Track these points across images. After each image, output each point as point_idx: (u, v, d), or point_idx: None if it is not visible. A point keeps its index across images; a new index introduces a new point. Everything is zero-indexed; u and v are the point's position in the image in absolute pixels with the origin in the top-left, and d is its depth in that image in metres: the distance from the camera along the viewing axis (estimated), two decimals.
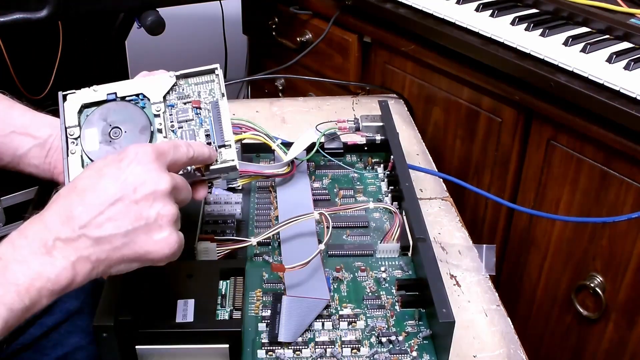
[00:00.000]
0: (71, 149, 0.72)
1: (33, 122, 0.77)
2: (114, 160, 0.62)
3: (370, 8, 1.35)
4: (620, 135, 1.00)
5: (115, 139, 0.72)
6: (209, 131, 0.74)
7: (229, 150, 0.74)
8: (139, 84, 0.74)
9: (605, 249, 1.09)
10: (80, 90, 0.73)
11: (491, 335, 0.80)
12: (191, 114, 0.75)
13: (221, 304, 0.74)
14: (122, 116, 0.73)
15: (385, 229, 0.88)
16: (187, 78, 0.75)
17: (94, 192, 0.60)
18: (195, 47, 2.16)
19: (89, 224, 0.58)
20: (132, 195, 0.60)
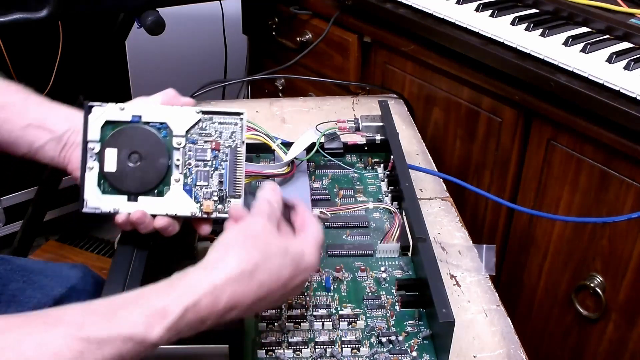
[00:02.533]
0: (89, 165, 0.73)
1: (49, 115, 0.77)
2: (292, 266, 0.64)
3: (370, 8, 1.35)
4: (620, 135, 1.00)
5: (132, 164, 0.73)
6: (223, 177, 0.75)
7: (237, 200, 0.75)
8: (164, 112, 0.74)
9: (605, 249, 1.09)
10: (107, 105, 0.74)
11: (491, 335, 0.80)
12: (209, 155, 0.75)
13: None
14: (143, 143, 0.73)
15: (385, 229, 0.88)
16: (212, 116, 0.75)
17: (265, 298, 0.63)
18: (195, 47, 2.16)
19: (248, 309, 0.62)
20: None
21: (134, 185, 0.74)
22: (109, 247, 1.94)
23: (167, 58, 2.12)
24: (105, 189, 0.74)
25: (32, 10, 1.21)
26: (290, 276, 0.64)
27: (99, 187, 0.74)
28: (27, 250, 1.71)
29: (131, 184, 0.74)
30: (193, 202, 0.74)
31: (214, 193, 0.75)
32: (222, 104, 0.78)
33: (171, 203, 0.74)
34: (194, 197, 0.74)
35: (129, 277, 0.72)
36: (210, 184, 0.75)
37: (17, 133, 0.76)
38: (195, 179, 0.74)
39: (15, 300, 0.87)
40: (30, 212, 1.67)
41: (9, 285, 0.88)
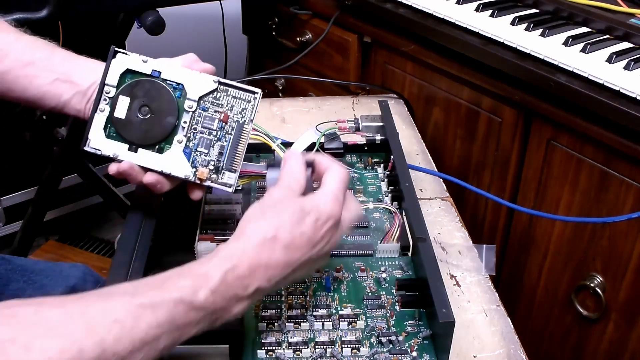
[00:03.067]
0: (101, 107, 0.75)
1: (76, 68, 0.79)
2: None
3: (370, 8, 1.35)
4: (620, 135, 1.00)
5: (141, 115, 0.75)
6: (223, 149, 0.77)
7: (232, 174, 0.77)
8: (184, 74, 0.76)
9: (605, 249, 1.09)
10: (132, 54, 0.76)
11: (491, 335, 0.80)
12: (216, 125, 0.76)
13: None
14: (156, 98, 0.76)
15: (385, 229, 0.88)
16: (228, 88, 0.76)
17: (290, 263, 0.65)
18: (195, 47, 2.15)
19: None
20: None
21: (137, 136, 0.76)
22: (109, 247, 1.94)
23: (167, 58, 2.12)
24: (109, 133, 0.76)
25: (32, 10, 1.21)
26: (313, 230, 0.65)
27: (104, 130, 0.76)
28: (27, 250, 1.71)
29: (135, 134, 0.76)
30: (189, 165, 0.76)
31: (212, 162, 0.76)
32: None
33: (168, 162, 0.76)
34: (191, 162, 0.76)
35: (129, 277, 0.72)
36: (210, 152, 0.76)
37: (45, 88, 0.78)
38: (196, 145, 0.76)
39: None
40: (30, 212, 1.67)
41: (9, 285, 0.88)
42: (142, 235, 0.78)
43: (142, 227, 0.80)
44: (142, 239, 0.78)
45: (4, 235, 1.82)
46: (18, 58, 0.78)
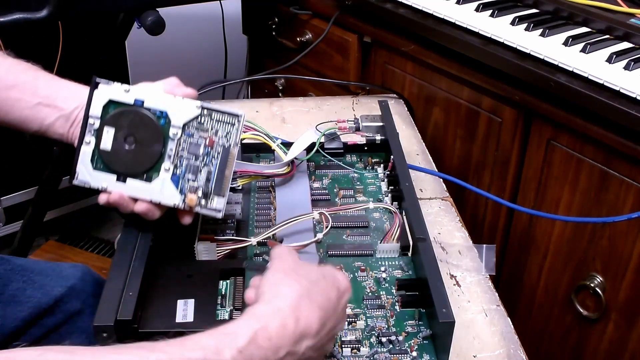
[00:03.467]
0: (86, 139, 0.75)
1: (59, 93, 0.79)
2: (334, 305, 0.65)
3: (370, 8, 1.35)
4: (620, 135, 1.00)
5: (127, 145, 0.75)
6: (211, 174, 0.76)
7: (220, 199, 0.76)
8: (167, 101, 0.75)
9: (605, 249, 1.09)
10: (114, 84, 0.76)
11: (491, 335, 0.80)
12: (202, 150, 0.76)
13: (221, 304, 0.74)
14: (141, 127, 0.75)
15: (385, 229, 0.88)
16: (211, 112, 0.76)
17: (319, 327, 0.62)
18: (195, 47, 2.16)
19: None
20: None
21: (124, 167, 0.75)
22: (109, 247, 1.94)
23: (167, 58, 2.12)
24: (97, 165, 0.76)
25: (32, 10, 1.21)
26: (337, 297, 0.65)
27: (91, 163, 0.76)
28: (27, 250, 1.71)
29: (122, 165, 0.75)
30: (178, 193, 0.76)
31: (200, 188, 0.76)
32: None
33: (157, 190, 0.75)
34: (180, 189, 0.76)
35: (129, 277, 0.72)
36: (197, 178, 0.76)
37: (28, 111, 0.78)
38: (184, 171, 0.76)
39: (15, 300, 0.87)
40: (30, 212, 1.67)
41: (9, 285, 0.88)
42: (142, 235, 0.78)
43: (142, 227, 0.80)
44: (142, 239, 0.78)
45: (4, 235, 1.82)
46: (1, 80, 0.78)
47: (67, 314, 0.90)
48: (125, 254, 0.75)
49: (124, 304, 0.69)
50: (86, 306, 0.91)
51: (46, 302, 0.89)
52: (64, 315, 0.90)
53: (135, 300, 0.69)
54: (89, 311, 0.91)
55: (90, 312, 0.90)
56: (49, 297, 0.89)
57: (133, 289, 0.71)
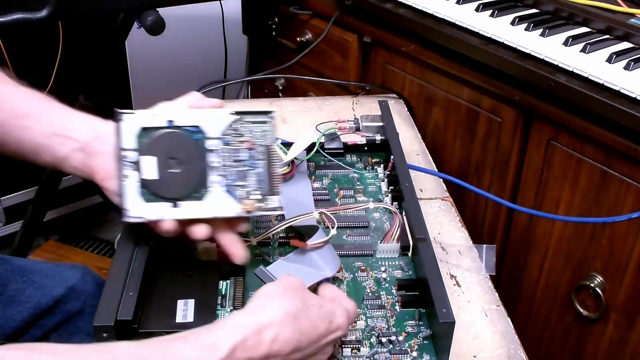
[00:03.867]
0: (125, 173, 0.72)
1: (73, 124, 0.76)
2: (324, 321, 0.65)
3: (370, 8, 1.35)
4: (620, 135, 1.00)
5: (171, 169, 0.73)
6: (260, 175, 0.75)
7: (276, 197, 0.76)
8: (197, 116, 0.74)
9: (605, 249, 1.09)
10: (138, 112, 0.73)
11: (491, 335, 0.80)
12: (244, 154, 0.75)
13: (221, 304, 0.74)
14: (180, 147, 0.73)
15: (385, 229, 0.88)
16: (243, 116, 0.75)
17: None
18: (195, 47, 2.16)
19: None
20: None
21: (175, 191, 0.73)
22: (109, 247, 1.94)
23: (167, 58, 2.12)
24: (145, 197, 0.73)
25: (32, 10, 1.21)
26: (325, 331, 0.65)
27: (140, 196, 0.73)
28: (27, 250, 1.71)
29: (172, 189, 0.73)
30: (235, 202, 0.74)
31: (253, 191, 0.75)
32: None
33: (213, 205, 0.74)
34: (235, 198, 0.75)
35: (129, 277, 0.72)
36: (248, 182, 0.75)
37: (40, 142, 0.75)
38: (233, 180, 0.75)
39: (15, 300, 0.87)
40: (30, 212, 1.67)
41: (9, 285, 0.88)
42: (142, 235, 0.78)
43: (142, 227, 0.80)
44: (142, 239, 0.78)
45: (4, 235, 1.82)
46: (13, 109, 0.76)
47: (67, 315, 0.90)
48: (125, 254, 0.75)
49: (124, 304, 0.69)
50: (86, 306, 0.91)
51: (46, 302, 0.89)
52: (64, 316, 0.90)
53: (135, 300, 0.69)
54: (89, 311, 0.91)
55: (90, 313, 0.90)
56: (49, 297, 0.89)
57: (133, 289, 0.71)
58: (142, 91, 1.97)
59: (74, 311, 0.91)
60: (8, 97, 0.76)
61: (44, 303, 0.88)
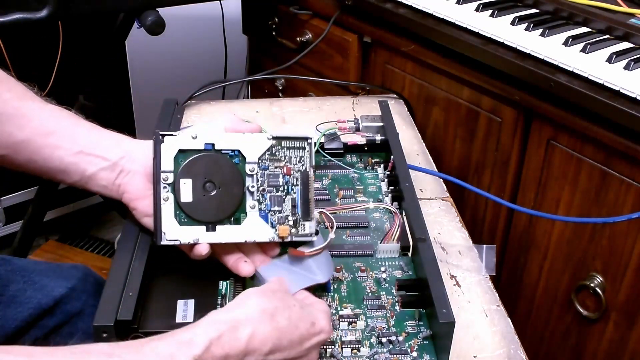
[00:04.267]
0: (164, 196, 0.72)
1: (101, 142, 0.76)
2: (306, 324, 0.65)
3: (370, 8, 1.35)
4: (620, 135, 1.00)
5: (208, 193, 0.72)
6: (295, 201, 0.76)
7: (311, 223, 0.76)
8: (236, 139, 0.74)
9: (605, 249, 1.09)
10: (178, 134, 0.72)
11: (491, 335, 0.80)
12: (281, 180, 0.75)
13: (221, 304, 0.74)
14: (218, 171, 0.73)
15: (385, 229, 0.88)
16: (281, 141, 0.75)
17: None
18: (195, 47, 2.16)
19: None
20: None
21: (211, 215, 0.73)
22: (109, 247, 1.94)
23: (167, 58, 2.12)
24: (181, 220, 0.72)
25: (32, 10, 1.21)
26: (307, 333, 0.65)
27: (176, 219, 0.72)
28: (27, 250, 1.71)
29: (208, 213, 0.73)
30: (270, 227, 0.75)
31: (288, 217, 0.75)
32: (289, 130, 0.75)
33: (249, 230, 0.74)
34: (270, 223, 0.75)
35: (129, 277, 0.72)
36: (283, 208, 0.75)
37: (68, 160, 0.75)
38: (269, 205, 0.75)
39: (16, 301, 0.87)
40: (30, 212, 1.67)
41: (10, 286, 0.88)
42: (142, 235, 0.78)
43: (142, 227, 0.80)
44: (142, 239, 0.78)
45: (4, 235, 1.82)
46: (41, 127, 0.74)
47: (67, 315, 0.90)
48: (125, 254, 0.75)
49: (124, 304, 0.69)
50: (87, 307, 0.91)
51: (47, 302, 0.88)
52: (65, 316, 0.90)
53: (135, 300, 0.69)
54: (90, 312, 0.91)
55: (91, 313, 0.90)
56: (49, 297, 0.89)
57: (133, 289, 0.71)
58: (142, 91, 1.98)
59: (75, 311, 0.91)
60: (35, 114, 0.75)
61: (44, 303, 0.88)
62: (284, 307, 0.64)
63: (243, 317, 0.61)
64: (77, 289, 0.91)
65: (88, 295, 0.92)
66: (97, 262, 1.83)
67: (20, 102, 0.75)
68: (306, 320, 0.65)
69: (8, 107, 0.74)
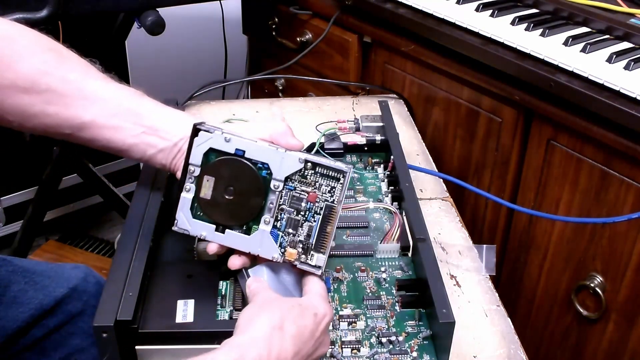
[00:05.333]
0: (187, 186, 0.73)
1: (163, 123, 0.76)
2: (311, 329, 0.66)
3: (370, 8, 1.35)
4: (620, 135, 1.00)
5: (227, 196, 0.73)
6: (312, 230, 0.73)
7: (321, 256, 0.73)
8: (268, 153, 0.72)
9: (605, 249, 1.09)
10: (215, 132, 0.72)
11: (491, 335, 0.80)
12: (304, 204, 0.73)
13: (221, 304, 0.74)
14: (241, 178, 0.72)
15: (385, 229, 0.88)
16: (316, 166, 0.73)
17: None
18: (195, 47, 2.16)
19: None
20: None
21: (224, 218, 0.73)
22: (109, 247, 1.94)
23: (167, 58, 2.12)
24: (196, 213, 0.74)
25: (32, 10, 1.21)
26: (315, 323, 0.66)
27: (191, 210, 0.73)
28: (27, 250, 1.71)
29: (222, 215, 0.73)
30: (277, 247, 0.74)
31: (300, 243, 0.74)
32: (328, 158, 0.72)
33: (256, 243, 0.74)
34: (279, 243, 0.74)
35: (129, 277, 0.72)
36: (298, 233, 0.74)
37: (130, 141, 0.76)
38: (284, 225, 0.74)
39: (17, 301, 0.87)
40: (30, 212, 1.67)
41: (11, 286, 0.88)
42: (142, 235, 0.78)
43: (142, 227, 0.80)
44: (142, 239, 0.78)
45: (4, 235, 1.82)
46: (104, 107, 0.75)
47: (68, 315, 0.90)
48: (125, 254, 0.75)
49: (124, 304, 0.69)
50: (87, 307, 0.91)
51: (48, 303, 0.88)
52: (65, 316, 0.90)
53: (135, 300, 0.70)
54: (90, 312, 0.91)
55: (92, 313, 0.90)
56: (50, 298, 0.89)
57: (133, 289, 0.71)
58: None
59: (75, 311, 0.91)
60: (99, 95, 0.76)
61: (45, 304, 0.88)
62: (284, 314, 0.65)
63: (259, 336, 0.62)
64: (78, 289, 0.92)
65: (89, 295, 0.92)
66: (97, 262, 1.83)
67: (84, 82, 0.76)
68: (309, 315, 0.66)
69: (73, 88, 0.75)
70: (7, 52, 0.73)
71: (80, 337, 0.91)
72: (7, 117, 0.74)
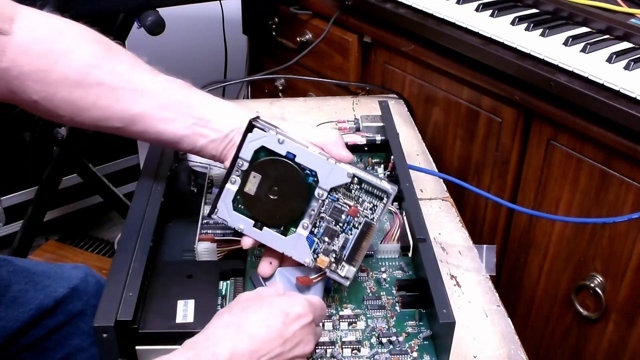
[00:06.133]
0: (232, 179, 0.74)
1: (214, 114, 0.77)
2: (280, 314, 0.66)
3: (370, 8, 1.35)
4: (620, 135, 1.00)
5: (270, 196, 0.74)
6: (347, 242, 0.75)
7: (351, 269, 0.75)
8: (318, 162, 0.73)
9: (605, 249, 1.09)
10: (269, 132, 0.73)
11: (491, 335, 0.80)
12: (344, 218, 0.75)
13: (221, 304, 0.74)
14: (288, 181, 0.74)
15: (386, 229, 0.88)
16: (362, 182, 0.74)
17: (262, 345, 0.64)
18: (195, 47, 2.16)
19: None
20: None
21: (263, 216, 0.74)
22: (109, 247, 1.94)
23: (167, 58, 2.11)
24: (237, 206, 0.75)
25: None
26: (283, 325, 0.65)
27: (233, 203, 0.75)
28: (27, 250, 1.71)
29: (262, 213, 0.74)
30: (310, 252, 0.75)
31: (334, 252, 0.75)
32: (375, 176, 0.74)
33: (290, 245, 0.75)
34: (313, 249, 0.75)
35: (129, 277, 0.72)
36: (333, 242, 0.75)
37: (181, 132, 0.76)
38: (321, 233, 0.75)
39: (18, 301, 0.87)
40: (30, 212, 1.67)
41: (11, 287, 0.88)
42: (142, 235, 0.78)
43: (142, 227, 0.80)
44: (142, 239, 0.78)
45: (4, 235, 1.82)
46: (154, 99, 0.75)
47: (68, 315, 0.90)
48: (125, 254, 0.75)
49: (124, 304, 0.69)
50: (88, 307, 0.91)
51: (48, 303, 0.89)
52: (66, 316, 0.90)
53: (135, 300, 0.70)
54: (91, 312, 0.91)
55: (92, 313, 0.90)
56: (50, 298, 0.89)
57: (133, 289, 0.71)
58: None
59: (76, 312, 0.91)
60: (149, 87, 0.76)
61: (45, 304, 0.88)
62: (252, 312, 0.65)
63: (213, 335, 0.63)
64: (78, 289, 0.92)
65: (89, 295, 0.92)
66: (97, 262, 1.83)
67: (133, 74, 0.76)
68: (277, 315, 0.65)
69: (123, 80, 0.75)
70: (56, 46, 0.73)
71: (80, 337, 0.91)
72: (57, 111, 0.74)
